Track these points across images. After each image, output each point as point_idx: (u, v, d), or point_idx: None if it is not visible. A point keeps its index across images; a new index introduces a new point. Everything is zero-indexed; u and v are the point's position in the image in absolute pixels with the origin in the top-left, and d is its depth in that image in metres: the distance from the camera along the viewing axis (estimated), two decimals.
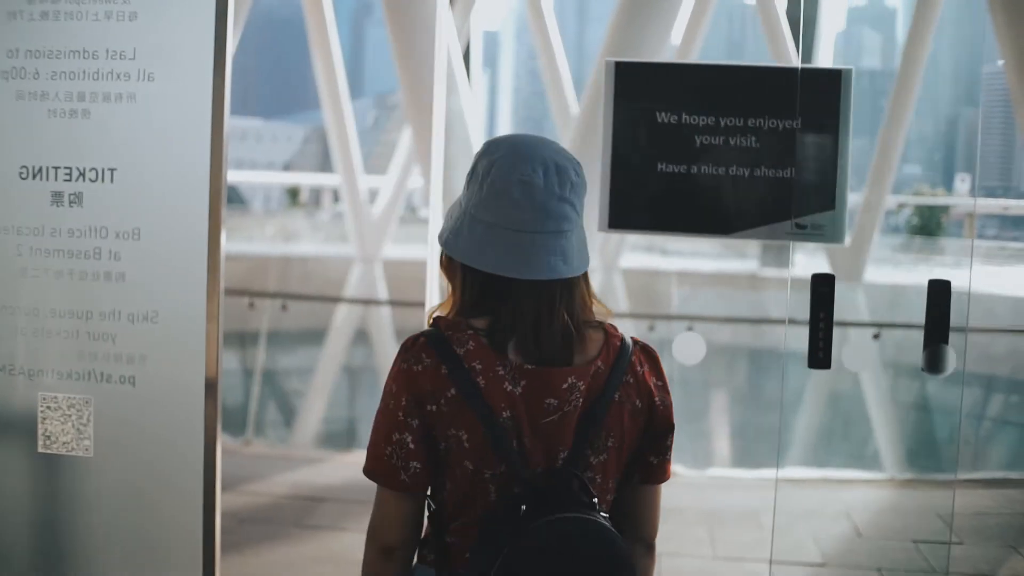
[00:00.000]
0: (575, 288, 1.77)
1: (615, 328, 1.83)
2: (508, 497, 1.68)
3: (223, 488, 2.76)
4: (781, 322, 11.60)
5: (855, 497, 6.46)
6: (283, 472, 6.68)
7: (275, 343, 12.00)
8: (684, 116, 2.93)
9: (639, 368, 1.81)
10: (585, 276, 1.79)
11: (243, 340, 10.41)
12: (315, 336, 13.29)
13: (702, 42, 15.87)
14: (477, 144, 8.66)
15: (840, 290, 3.13)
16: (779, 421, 4.67)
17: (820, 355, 2.91)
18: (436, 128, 8.84)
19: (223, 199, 2.68)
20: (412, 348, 1.76)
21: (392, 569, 1.76)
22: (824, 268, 14.41)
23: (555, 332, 1.72)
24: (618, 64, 3.04)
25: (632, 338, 1.84)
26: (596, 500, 1.70)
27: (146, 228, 2.74)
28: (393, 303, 14.25)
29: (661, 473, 1.87)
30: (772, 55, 14.02)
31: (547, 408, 1.71)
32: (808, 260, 19.16)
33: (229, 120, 2.67)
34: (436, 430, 1.72)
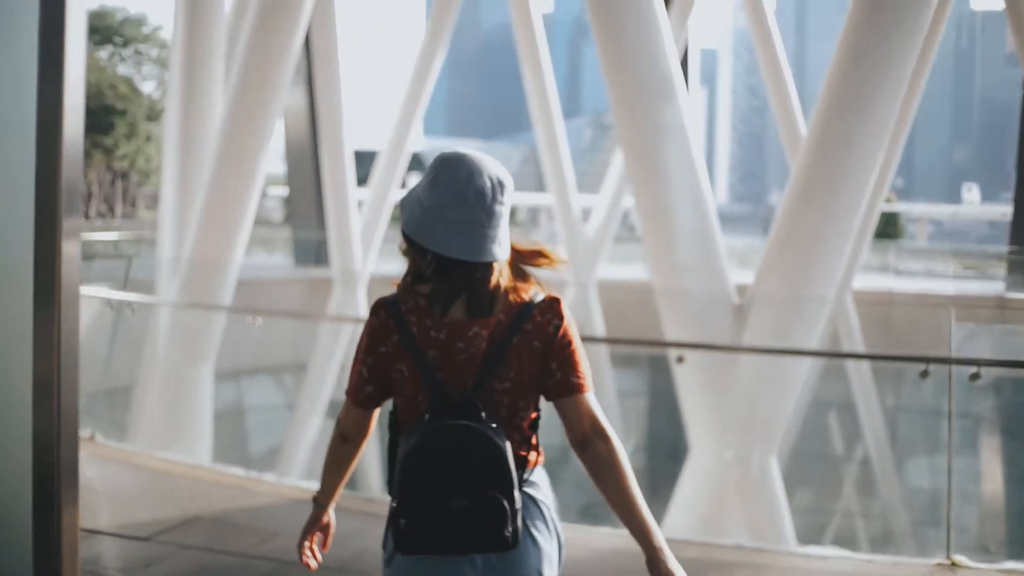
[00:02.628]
0: (501, 266, 2.41)
1: (525, 292, 2.43)
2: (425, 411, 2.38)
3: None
4: None
5: None
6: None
7: None
8: None
9: (539, 318, 2.41)
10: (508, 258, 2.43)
11: None
12: None
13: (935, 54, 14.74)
14: (698, 158, 7.89)
15: None
16: None
17: None
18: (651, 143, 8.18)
19: (66, 197, 1.96)
20: (376, 306, 2.45)
21: (347, 450, 2.59)
22: None
23: (487, 295, 2.39)
24: None
25: (547, 295, 2.45)
26: (485, 414, 2.33)
27: None
28: (610, 340, 12.90)
29: (580, 387, 2.42)
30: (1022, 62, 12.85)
31: (459, 349, 2.38)
32: None
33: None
34: (387, 365, 2.43)
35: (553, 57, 19.78)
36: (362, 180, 21.07)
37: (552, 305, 2.42)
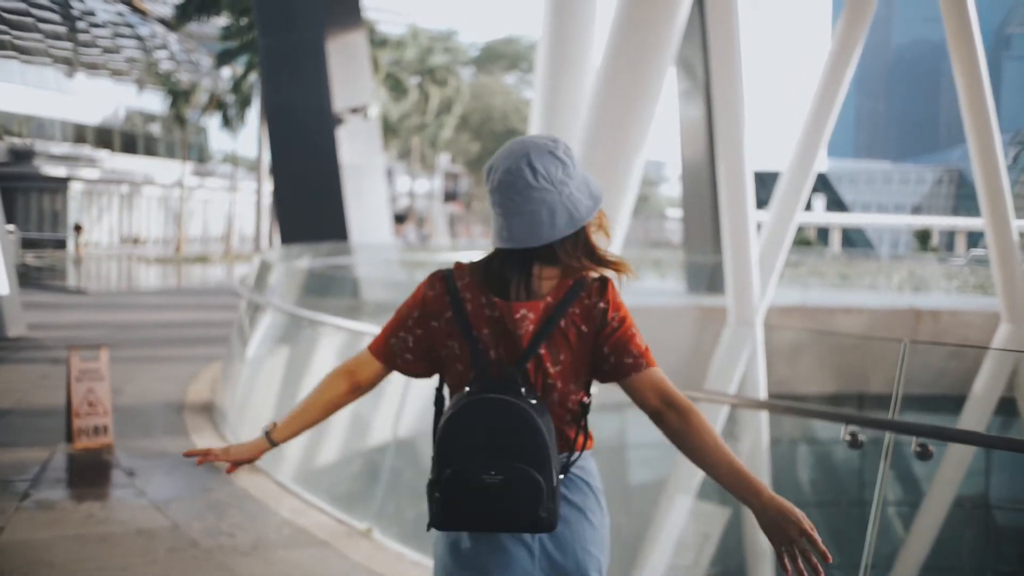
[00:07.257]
0: (562, 245, 2.35)
1: (583, 273, 2.38)
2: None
3: None
4: None
5: None
6: None
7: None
8: None
9: (587, 300, 2.36)
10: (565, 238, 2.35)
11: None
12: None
13: None
14: None
15: None
16: None
17: None
18: None
19: None
20: (432, 279, 2.44)
21: (344, 393, 2.49)
22: None
23: (528, 279, 2.35)
24: None
25: (599, 277, 2.39)
26: (526, 391, 2.29)
27: None
28: None
29: (638, 366, 2.35)
30: None
31: (510, 331, 2.34)
32: None
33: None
34: (436, 340, 2.42)
35: None
36: (762, 203, 19.85)
37: (600, 287, 2.40)
